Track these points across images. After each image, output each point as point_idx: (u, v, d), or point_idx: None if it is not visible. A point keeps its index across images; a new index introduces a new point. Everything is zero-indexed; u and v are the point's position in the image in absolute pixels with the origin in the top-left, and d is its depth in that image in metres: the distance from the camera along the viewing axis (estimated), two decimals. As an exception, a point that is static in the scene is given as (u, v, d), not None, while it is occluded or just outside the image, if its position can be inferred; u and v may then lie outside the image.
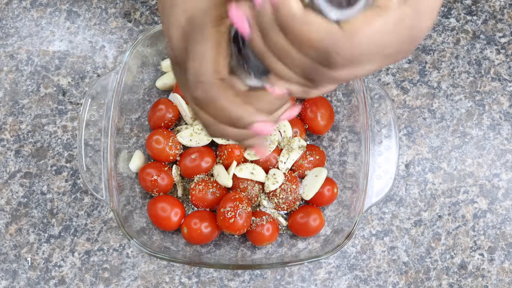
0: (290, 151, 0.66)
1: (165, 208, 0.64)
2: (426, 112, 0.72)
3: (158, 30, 0.66)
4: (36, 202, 0.68)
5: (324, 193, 0.66)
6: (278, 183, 0.65)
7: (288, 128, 0.67)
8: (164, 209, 0.64)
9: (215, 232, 0.65)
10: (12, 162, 0.69)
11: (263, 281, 0.67)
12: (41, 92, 0.71)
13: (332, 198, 0.67)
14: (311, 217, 0.65)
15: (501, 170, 0.71)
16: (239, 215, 0.62)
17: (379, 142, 0.64)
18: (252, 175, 0.65)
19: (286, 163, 0.66)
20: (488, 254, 0.69)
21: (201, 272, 0.67)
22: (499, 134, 0.72)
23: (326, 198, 0.66)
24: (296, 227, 0.66)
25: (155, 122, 0.68)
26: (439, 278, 0.68)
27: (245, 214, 0.62)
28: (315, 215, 0.65)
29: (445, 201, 0.70)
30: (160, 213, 0.64)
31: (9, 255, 0.67)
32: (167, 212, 0.64)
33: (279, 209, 0.66)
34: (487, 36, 0.74)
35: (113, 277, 0.67)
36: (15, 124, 0.70)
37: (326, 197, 0.66)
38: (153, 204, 0.65)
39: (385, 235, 0.69)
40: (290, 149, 0.66)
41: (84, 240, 0.68)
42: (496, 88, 0.73)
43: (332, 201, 0.67)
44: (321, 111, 0.68)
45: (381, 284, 0.68)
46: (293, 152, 0.66)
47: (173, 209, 0.65)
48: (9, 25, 0.73)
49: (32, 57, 0.72)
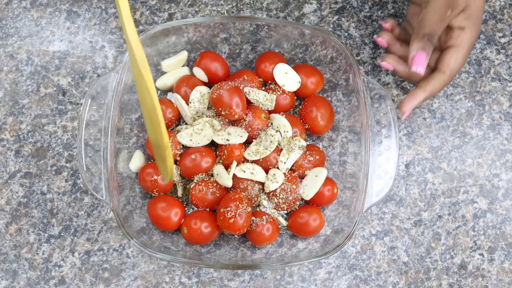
0: (290, 151, 0.66)
1: (165, 208, 0.64)
2: (426, 112, 0.72)
3: (158, 30, 0.66)
4: (36, 202, 0.68)
5: (324, 193, 0.66)
6: (278, 183, 0.65)
7: (288, 128, 0.67)
8: (164, 209, 0.64)
9: (215, 232, 0.65)
10: (12, 162, 0.69)
11: (263, 281, 0.67)
12: (41, 92, 0.71)
13: (332, 198, 0.67)
14: (311, 217, 0.65)
15: (501, 170, 0.71)
16: (239, 215, 0.62)
17: (379, 142, 0.64)
18: (252, 175, 0.65)
19: (286, 163, 0.66)
20: (488, 254, 0.69)
21: (201, 272, 0.67)
22: (499, 134, 0.72)
23: (326, 198, 0.66)
24: (296, 227, 0.66)
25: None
26: (439, 278, 0.68)
27: (245, 214, 0.62)
28: (315, 215, 0.65)
29: (445, 201, 0.70)
30: (160, 213, 0.64)
31: (9, 255, 0.67)
32: (167, 212, 0.64)
33: (279, 209, 0.66)
34: (487, 36, 0.74)
35: (113, 277, 0.67)
36: (15, 124, 0.70)
37: (326, 197, 0.66)
38: (153, 204, 0.65)
39: (385, 235, 0.69)
40: (290, 149, 0.66)
41: (84, 240, 0.68)
42: (496, 88, 0.73)
43: (332, 201, 0.67)
44: (321, 111, 0.68)
45: (381, 284, 0.68)
46: (293, 152, 0.66)
47: (173, 209, 0.65)
48: (9, 25, 0.73)
49: (32, 57, 0.72)
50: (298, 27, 0.67)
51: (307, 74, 0.69)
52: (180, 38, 0.68)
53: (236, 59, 0.71)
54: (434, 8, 0.59)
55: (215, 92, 0.65)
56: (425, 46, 0.60)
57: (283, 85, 0.68)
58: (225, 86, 0.65)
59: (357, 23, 0.74)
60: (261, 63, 0.69)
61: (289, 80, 0.68)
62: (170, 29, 0.66)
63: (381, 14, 0.74)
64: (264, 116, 0.67)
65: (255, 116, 0.66)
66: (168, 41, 0.68)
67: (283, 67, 0.68)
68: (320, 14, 0.74)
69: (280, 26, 0.67)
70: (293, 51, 0.70)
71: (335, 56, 0.68)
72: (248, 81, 0.68)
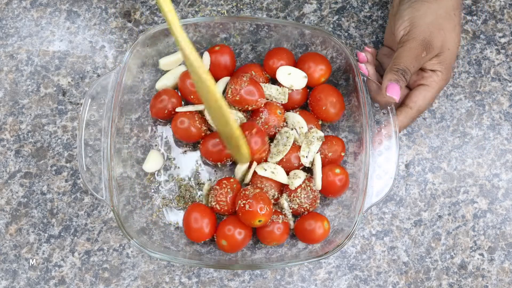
0: (309, 144, 0.66)
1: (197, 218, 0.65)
2: (426, 112, 0.72)
3: (158, 30, 0.66)
4: (36, 202, 0.68)
5: (335, 182, 0.66)
6: (301, 179, 0.65)
7: (303, 124, 0.67)
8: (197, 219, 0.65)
9: (248, 236, 0.65)
10: (12, 162, 0.69)
11: (263, 281, 0.67)
12: (41, 92, 0.71)
13: (345, 186, 0.66)
14: (317, 224, 0.64)
15: (501, 170, 0.71)
16: (260, 208, 0.62)
17: (379, 142, 0.64)
18: (272, 175, 0.65)
19: (308, 157, 0.66)
20: (488, 254, 0.69)
21: (201, 272, 0.67)
22: (499, 134, 0.72)
23: (337, 187, 0.66)
24: (302, 233, 0.65)
25: (157, 111, 0.68)
26: (439, 278, 0.68)
27: (267, 208, 0.62)
28: (320, 223, 0.64)
29: (445, 201, 0.70)
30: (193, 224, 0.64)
31: (9, 255, 0.67)
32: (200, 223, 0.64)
33: (301, 209, 0.66)
34: (487, 36, 0.74)
35: (113, 277, 0.67)
36: (15, 124, 0.70)
37: (338, 187, 0.66)
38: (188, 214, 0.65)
39: (385, 235, 0.69)
40: (309, 142, 0.66)
41: (84, 240, 0.68)
42: (496, 88, 0.73)
43: (345, 189, 0.66)
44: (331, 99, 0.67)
45: (381, 284, 0.68)
46: (313, 145, 0.66)
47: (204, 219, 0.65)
48: (9, 25, 0.73)
49: (32, 57, 0.72)
50: (298, 27, 0.67)
51: (316, 62, 0.68)
52: (180, 38, 0.68)
53: (236, 59, 0.71)
54: (410, 47, 0.62)
55: (235, 85, 0.65)
56: (399, 79, 0.61)
57: (291, 86, 0.67)
58: (244, 78, 0.65)
59: (357, 23, 0.74)
60: (269, 60, 0.69)
61: (295, 79, 0.68)
62: (170, 29, 0.66)
63: (381, 14, 0.74)
64: (279, 112, 0.67)
65: (271, 112, 0.66)
66: (168, 41, 0.68)
67: (285, 69, 0.68)
68: (320, 14, 0.74)
69: (280, 26, 0.67)
70: (293, 51, 0.70)
71: (335, 56, 0.68)
72: (255, 77, 0.68)
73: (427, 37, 0.61)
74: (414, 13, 0.63)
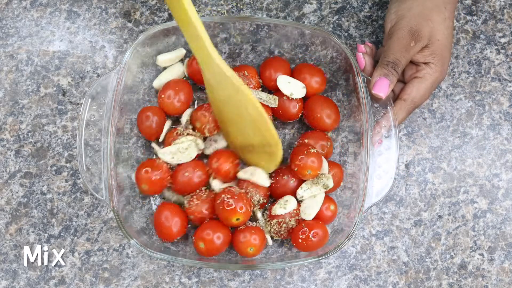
0: (314, 184, 0.65)
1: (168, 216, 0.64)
2: (426, 112, 0.72)
3: (158, 30, 0.66)
4: (36, 202, 0.68)
5: (323, 212, 0.65)
6: (285, 210, 0.63)
7: (325, 165, 0.66)
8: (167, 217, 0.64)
9: (227, 241, 0.64)
10: (12, 162, 0.69)
11: (263, 281, 0.67)
12: (41, 92, 0.71)
13: (333, 217, 0.66)
14: (318, 232, 0.64)
15: (501, 170, 0.71)
16: (240, 207, 0.61)
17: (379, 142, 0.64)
18: (251, 176, 0.64)
19: (303, 195, 0.64)
20: (488, 254, 0.69)
21: (201, 272, 0.67)
22: (499, 134, 0.72)
23: (327, 217, 0.65)
24: (298, 242, 0.64)
25: (144, 130, 0.67)
26: (439, 278, 0.68)
27: (246, 204, 0.62)
28: (319, 230, 0.64)
29: (445, 201, 0.70)
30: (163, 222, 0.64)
31: (9, 255, 0.67)
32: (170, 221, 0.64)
33: (278, 235, 0.65)
34: (487, 36, 0.74)
35: (113, 277, 0.67)
36: (15, 124, 0.70)
37: (327, 216, 0.65)
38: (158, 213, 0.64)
39: (385, 235, 0.69)
40: (316, 182, 0.65)
41: (84, 240, 0.68)
42: (496, 88, 0.73)
43: (333, 219, 0.66)
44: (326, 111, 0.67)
45: (381, 284, 0.68)
46: (317, 187, 0.64)
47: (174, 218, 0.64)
48: (9, 25, 0.73)
49: (32, 57, 0.72)
50: (298, 27, 0.67)
51: (311, 74, 0.68)
52: (180, 38, 0.68)
53: (236, 59, 0.71)
54: (398, 37, 0.62)
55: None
56: (389, 73, 0.62)
57: (291, 94, 0.67)
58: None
59: (357, 23, 0.74)
60: (265, 70, 0.69)
61: (295, 88, 0.67)
62: (170, 29, 0.66)
63: (381, 14, 0.74)
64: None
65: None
66: (168, 41, 0.68)
67: (285, 78, 0.68)
68: (320, 14, 0.74)
69: (280, 26, 0.67)
70: (293, 51, 0.70)
71: (335, 56, 0.68)
72: (247, 77, 0.67)
73: (414, 27, 0.62)
74: (400, 5, 0.64)
